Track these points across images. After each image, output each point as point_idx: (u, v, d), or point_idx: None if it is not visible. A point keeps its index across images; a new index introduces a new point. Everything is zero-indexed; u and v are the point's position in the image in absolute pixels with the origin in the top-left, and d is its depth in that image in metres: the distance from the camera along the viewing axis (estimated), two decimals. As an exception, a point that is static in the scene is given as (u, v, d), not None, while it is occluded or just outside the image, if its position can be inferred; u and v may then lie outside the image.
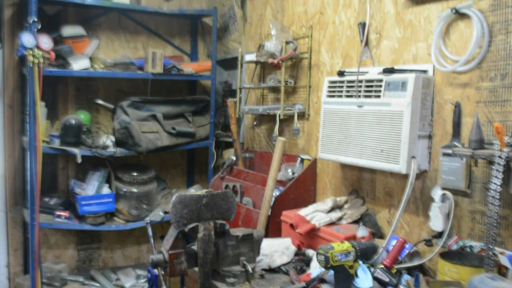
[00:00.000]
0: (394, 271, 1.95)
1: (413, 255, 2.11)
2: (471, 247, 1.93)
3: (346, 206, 2.52)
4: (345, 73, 2.46)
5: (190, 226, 1.95)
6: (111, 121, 3.51)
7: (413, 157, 2.07)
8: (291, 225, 2.41)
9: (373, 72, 2.33)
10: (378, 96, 2.18)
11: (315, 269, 2.10)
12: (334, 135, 2.44)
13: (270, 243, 2.32)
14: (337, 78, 2.47)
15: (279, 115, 2.92)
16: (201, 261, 1.96)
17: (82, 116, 3.29)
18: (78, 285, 3.31)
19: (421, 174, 2.18)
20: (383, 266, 1.96)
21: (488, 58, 1.92)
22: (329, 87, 2.50)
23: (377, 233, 2.37)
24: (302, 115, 2.96)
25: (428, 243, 2.04)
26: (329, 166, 2.77)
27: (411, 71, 2.15)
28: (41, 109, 2.94)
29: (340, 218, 2.41)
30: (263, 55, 2.99)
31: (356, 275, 1.85)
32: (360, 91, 2.28)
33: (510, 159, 1.70)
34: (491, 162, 1.76)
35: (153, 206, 3.45)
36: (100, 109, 3.60)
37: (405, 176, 2.11)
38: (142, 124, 3.29)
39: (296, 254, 2.31)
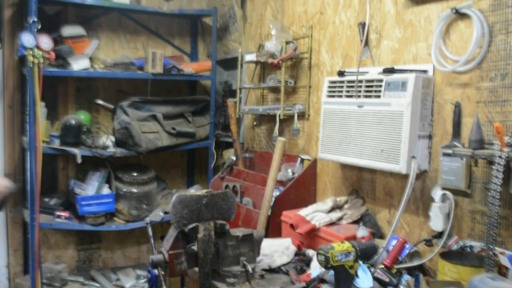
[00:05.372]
0: (394, 271, 1.95)
1: (413, 255, 2.11)
2: (471, 247, 1.93)
3: (346, 206, 2.52)
4: (345, 73, 2.45)
5: (190, 226, 1.95)
6: (111, 121, 3.51)
7: (413, 157, 2.07)
8: (291, 225, 2.41)
9: (373, 72, 2.33)
10: (378, 96, 2.18)
11: (315, 269, 2.10)
12: (334, 135, 2.44)
13: (270, 243, 2.32)
14: (337, 78, 2.47)
15: (279, 115, 2.92)
16: (201, 261, 1.95)
17: (82, 116, 3.29)
18: (78, 285, 3.31)
19: (421, 174, 2.18)
20: (383, 266, 1.96)
21: (488, 58, 1.92)
22: (329, 87, 2.50)
23: (377, 233, 2.37)
24: (302, 115, 2.96)
25: (428, 243, 2.04)
26: (329, 166, 2.77)
27: (411, 71, 2.15)
28: (41, 109, 2.94)
29: (340, 218, 2.41)
30: (263, 55, 2.98)
31: (356, 275, 1.85)
32: (360, 91, 2.28)
33: (510, 159, 1.70)
34: (491, 162, 1.76)
35: (153, 206, 3.45)
36: (100, 109, 3.60)
37: (405, 176, 2.11)
38: (142, 124, 3.29)
39: (296, 254, 2.31)
